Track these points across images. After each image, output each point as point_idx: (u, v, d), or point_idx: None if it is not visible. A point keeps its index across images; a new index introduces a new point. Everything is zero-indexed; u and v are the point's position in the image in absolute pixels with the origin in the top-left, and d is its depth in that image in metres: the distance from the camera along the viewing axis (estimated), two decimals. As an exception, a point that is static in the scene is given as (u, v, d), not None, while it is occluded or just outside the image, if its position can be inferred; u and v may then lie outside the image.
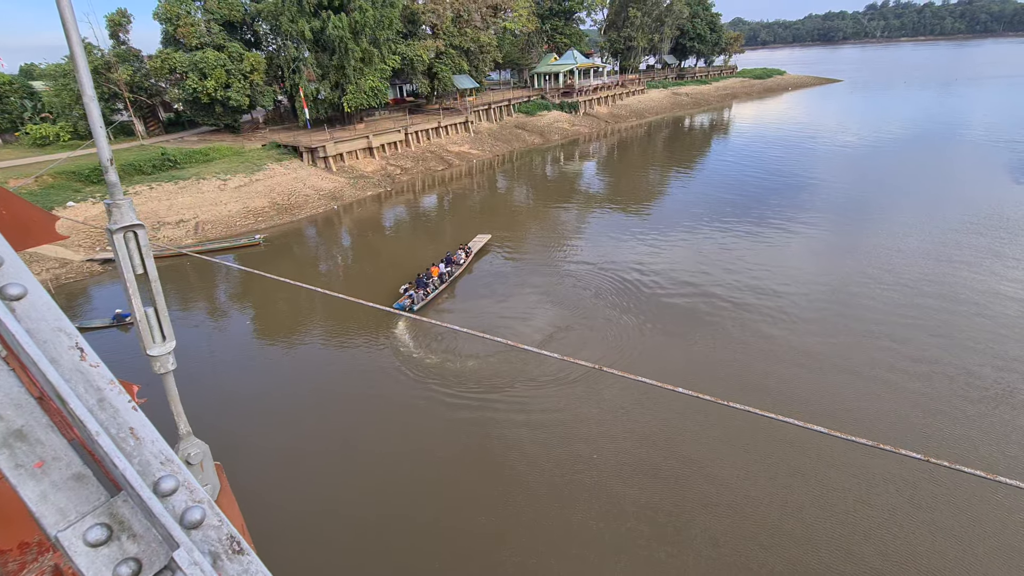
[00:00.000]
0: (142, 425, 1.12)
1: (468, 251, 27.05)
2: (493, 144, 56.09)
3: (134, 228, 1.63)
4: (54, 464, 1.03)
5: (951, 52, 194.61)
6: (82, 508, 1.00)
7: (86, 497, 1.01)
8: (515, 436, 14.40)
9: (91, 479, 1.04)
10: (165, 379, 1.84)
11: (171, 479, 1.05)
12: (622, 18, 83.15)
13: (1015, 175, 36.42)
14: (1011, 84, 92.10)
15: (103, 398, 1.12)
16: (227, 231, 32.46)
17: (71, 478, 1.03)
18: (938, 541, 10.86)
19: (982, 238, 25.89)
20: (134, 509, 1.02)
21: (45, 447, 1.04)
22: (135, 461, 1.06)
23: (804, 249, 26.26)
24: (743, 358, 17.31)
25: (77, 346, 1.17)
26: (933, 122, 60.54)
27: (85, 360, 1.16)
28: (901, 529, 11.15)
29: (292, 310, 22.91)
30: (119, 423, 1.10)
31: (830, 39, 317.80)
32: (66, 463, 1.04)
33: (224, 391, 17.17)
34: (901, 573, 10.35)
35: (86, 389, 1.12)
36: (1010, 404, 14.54)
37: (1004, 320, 18.66)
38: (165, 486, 1.04)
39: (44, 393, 1.08)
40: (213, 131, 47.18)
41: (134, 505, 1.01)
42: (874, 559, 10.59)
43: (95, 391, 1.12)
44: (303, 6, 41.26)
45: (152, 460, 1.08)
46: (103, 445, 0.99)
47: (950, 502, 11.67)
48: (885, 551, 10.71)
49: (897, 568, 10.43)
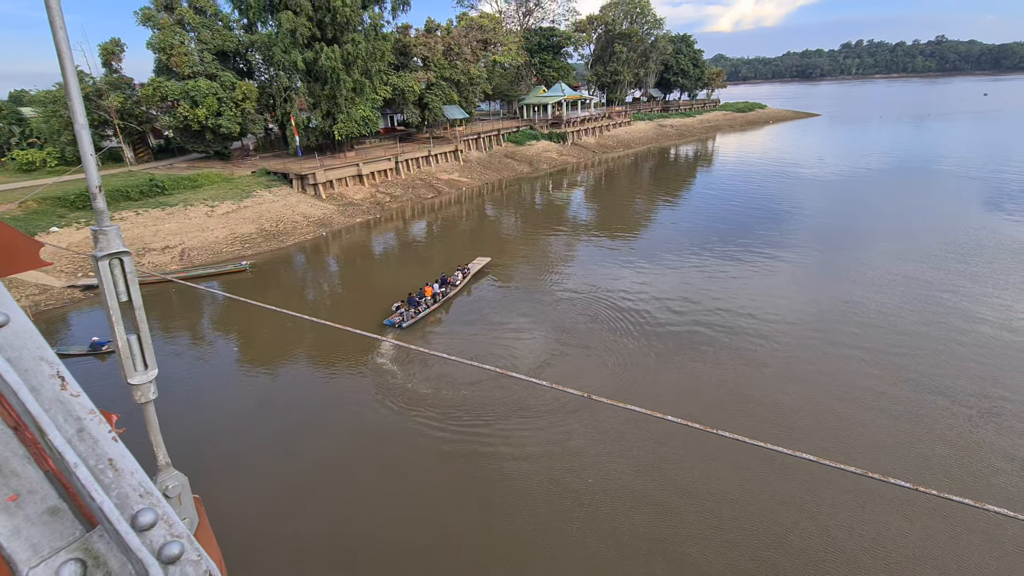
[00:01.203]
0: (122, 456, 1.10)
1: (466, 272, 27.51)
2: (483, 173, 56.82)
3: (120, 255, 1.61)
4: (29, 497, 0.99)
5: (923, 89, 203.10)
6: (56, 543, 0.96)
7: (61, 532, 0.98)
8: (501, 470, 14.15)
9: (67, 513, 1.01)
10: (145, 408, 1.80)
11: (150, 512, 1.02)
12: (608, 53, 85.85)
13: (987, 205, 37.64)
14: (979, 119, 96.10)
15: (82, 428, 1.09)
16: (213, 257, 32.20)
17: (46, 512, 0.99)
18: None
19: (959, 264, 26.53)
20: (110, 544, 0.98)
21: (20, 479, 1.00)
22: (113, 494, 1.03)
23: (788, 277, 26.66)
24: (731, 384, 17.32)
25: (58, 375, 1.14)
26: (908, 155, 62.73)
27: (66, 389, 1.13)
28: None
29: (278, 338, 22.59)
30: (98, 454, 1.07)
31: (808, 75, 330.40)
32: (41, 496, 1.00)
33: (206, 421, 16.73)
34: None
35: (65, 419, 1.09)
36: (996, 424, 14.65)
37: (982, 341, 18.97)
38: (143, 520, 1.00)
39: (21, 423, 1.05)
40: (203, 158, 47.27)
41: (110, 540, 0.98)
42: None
43: (75, 421, 1.10)
44: (296, 38, 42.07)
45: (131, 493, 1.05)
46: (81, 477, 0.95)
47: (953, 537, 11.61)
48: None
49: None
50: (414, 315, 22.81)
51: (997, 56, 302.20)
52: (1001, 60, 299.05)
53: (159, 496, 1.07)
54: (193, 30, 44.36)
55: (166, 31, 42.44)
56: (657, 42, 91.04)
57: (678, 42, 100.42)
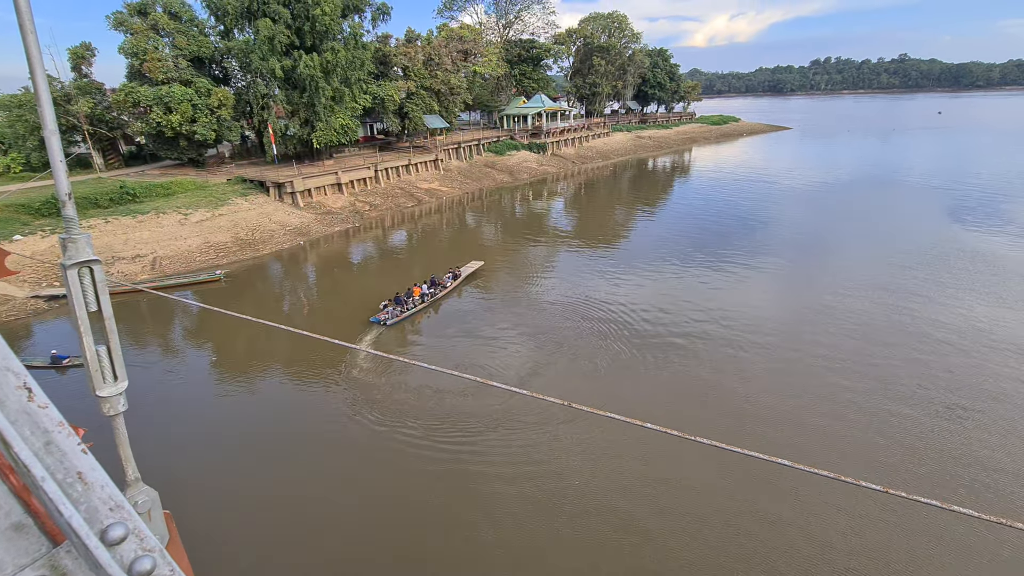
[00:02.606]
0: (91, 469, 1.06)
1: (457, 275, 28.00)
2: (463, 182, 56.89)
3: (89, 264, 1.57)
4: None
5: (887, 105, 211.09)
6: (20, 560, 0.92)
7: (26, 548, 0.94)
8: (485, 485, 14.03)
9: (32, 528, 0.97)
10: (115, 421, 1.75)
11: (120, 527, 0.98)
12: (587, 66, 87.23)
13: (949, 216, 39.15)
14: (941, 135, 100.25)
15: (50, 441, 1.06)
16: (186, 266, 31.45)
17: (10, 528, 0.95)
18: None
19: (923, 271, 27.48)
20: (78, 560, 0.94)
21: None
22: (82, 508, 0.99)
23: (764, 285, 27.23)
24: (712, 391, 17.56)
25: (25, 386, 1.11)
26: (875, 168, 64.98)
27: (33, 401, 1.10)
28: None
29: (252, 349, 22.12)
30: (67, 467, 1.04)
31: (779, 90, 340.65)
32: (5, 512, 0.96)
33: (177, 435, 16.22)
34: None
35: (32, 432, 1.06)
36: (958, 427, 15.13)
37: (944, 346, 19.62)
38: (113, 534, 0.97)
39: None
40: (176, 165, 46.30)
41: (78, 556, 0.94)
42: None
43: (42, 433, 1.06)
44: (274, 46, 41.70)
45: (101, 507, 1.01)
46: (48, 491, 0.92)
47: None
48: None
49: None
50: (399, 313, 23.33)
51: (956, 74, 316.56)
52: (960, 78, 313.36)
53: (130, 510, 1.04)
54: (168, 35, 43.63)
55: (139, 36, 41.65)
56: (635, 56, 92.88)
57: (655, 56, 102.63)
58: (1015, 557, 11.21)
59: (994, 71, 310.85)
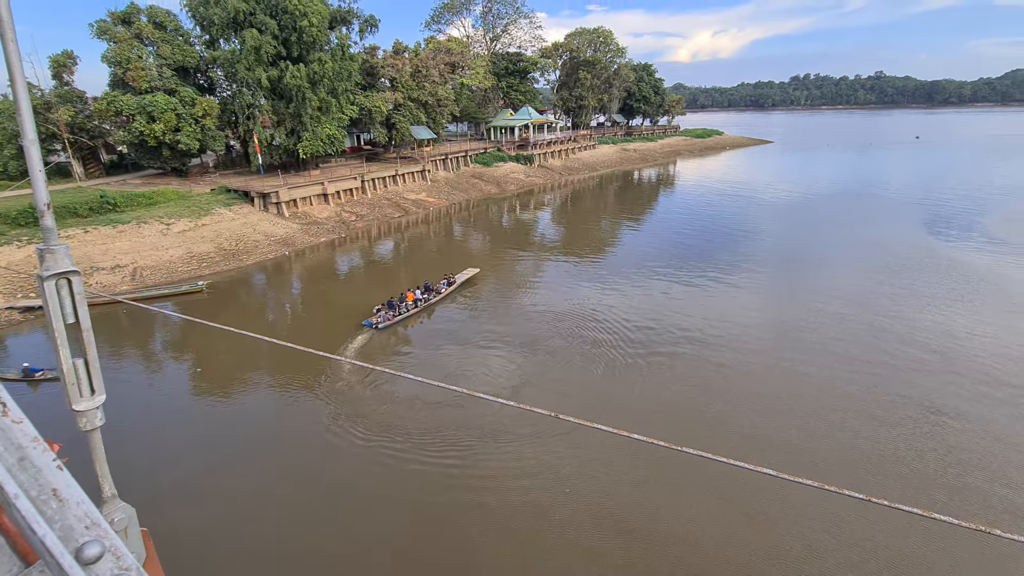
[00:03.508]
0: (67, 486, 1.03)
1: (452, 281, 28.48)
2: (450, 193, 56.98)
3: (68, 275, 1.54)
4: None
5: (864, 120, 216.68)
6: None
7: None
8: (475, 503, 13.90)
9: (3, 548, 0.94)
10: (91, 436, 1.70)
11: (96, 545, 0.96)
12: (573, 79, 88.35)
13: (926, 228, 40.15)
14: (916, 149, 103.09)
15: (25, 456, 1.03)
16: (168, 277, 30.93)
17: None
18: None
19: (901, 278, 28.08)
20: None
21: None
22: (57, 526, 0.97)
23: (748, 295, 27.56)
24: (700, 402, 17.66)
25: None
26: (854, 181, 66.48)
27: (7, 415, 1.07)
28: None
29: (235, 361, 21.75)
30: (41, 484, 1.01)
31: (761, 105, 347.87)
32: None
33: (155, 450, 15.83)
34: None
35: (6, 447, 1.03)
36: (936, 434, 15.39)
37: (927, 350, 20.02)
38: (89, 553, 0.94)
39: None
40: (159, 174, 45.71)
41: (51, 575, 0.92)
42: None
43: (16, 449, 1.04)
44: (261, 56, 41.59)
45: (76, 524, 0.99)
46: (21, 509, 0.89)
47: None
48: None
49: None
50: (391, 317, 23.81)
51: (930, 91, 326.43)
52: (933, 95, 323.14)
53: (107, 527, 1.02)
54: (152, 44, 43.29)
55: (123, 45, 41.26)
56: (620, 70, 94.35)
57: (640, 70, 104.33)
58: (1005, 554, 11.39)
59: (966, 88, 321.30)
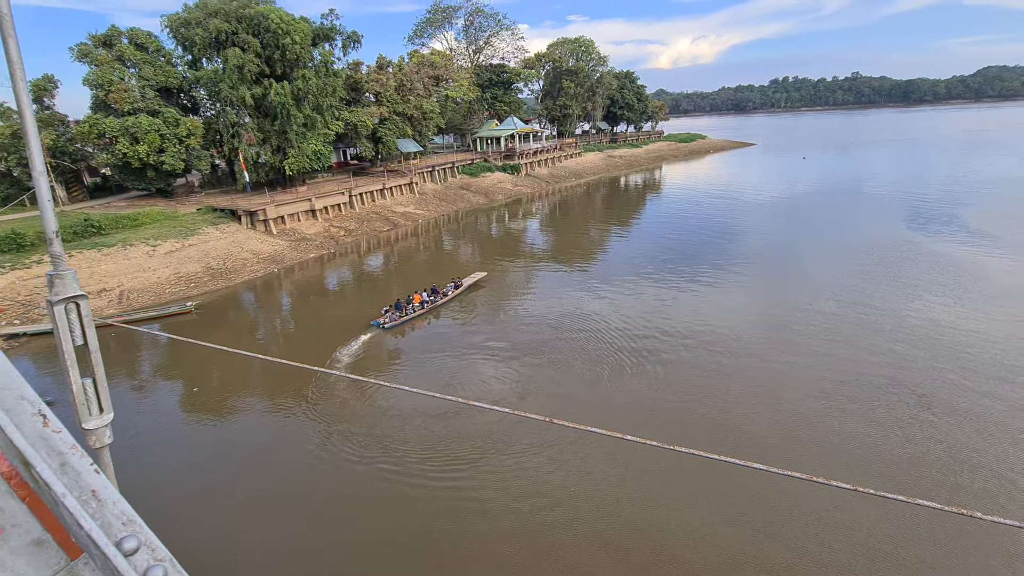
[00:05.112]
0: (104, 487, 1.15)
1: (459, 284, 29.63)
2: (438, 205, 57.13)
3: (76, 299, 1.64)
4: (13, 531, 1.03)
5: (843, 120, 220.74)
6: (43, 572, 1.00)
7: (46, 561, 1.02)
8: (478, 527, 13.84)
9: (51, 544, 1.04)
10: (100, 454, 1.80)
11: (133, 539, 1.07)
12: (557, 88, 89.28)
13: (908, 223, 40.90)
14: (894, 147, 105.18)
15: (65, 462, 1.14)
16: (156, 299, 30.64)
17: (31, 543, 1.03)
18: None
19: (885, 271, 28.55)
20: (95, 572, 1.02)
21: (4, 513, 1.04)
22: (98, 522, 1.07)
23: (738, 296, 27.84)
24: (698, 401, 17.77)
25: (40, 412, 1.19)
26: (836, 180, 67.65)
27: (48, 426, 1.18)
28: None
29: (227, 380, 21.54)
30: (82, 486, 1.12)
31: (742, 108, 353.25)
32: (26, 529, 1.04)
33: (150, 470, 15.59)
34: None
35: (49, 454, 1.14)
36: (926, 425, 15.61)
37: (914, 342, 20.33)
38: (128, 546, 1.04)
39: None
40: (144, 196, 45.42)
41: (96, 567, 1.02)
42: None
43: (57, 455, 1.15)
44: (244, 74, 41.64)
45: (114, 521, 1.10)
46: (69, 507, 0.98)
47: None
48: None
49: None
50: (398, 318, 24.97)
51: (905, 90, 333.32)
52: (909, 94, 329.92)
53: (141, 523, 1.13)
54: (134, 66, 43.18)
55: (104, 67, 41.12)
56: (603, 78, 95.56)
57: (622, 78, 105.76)
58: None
59: (940, 86, 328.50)
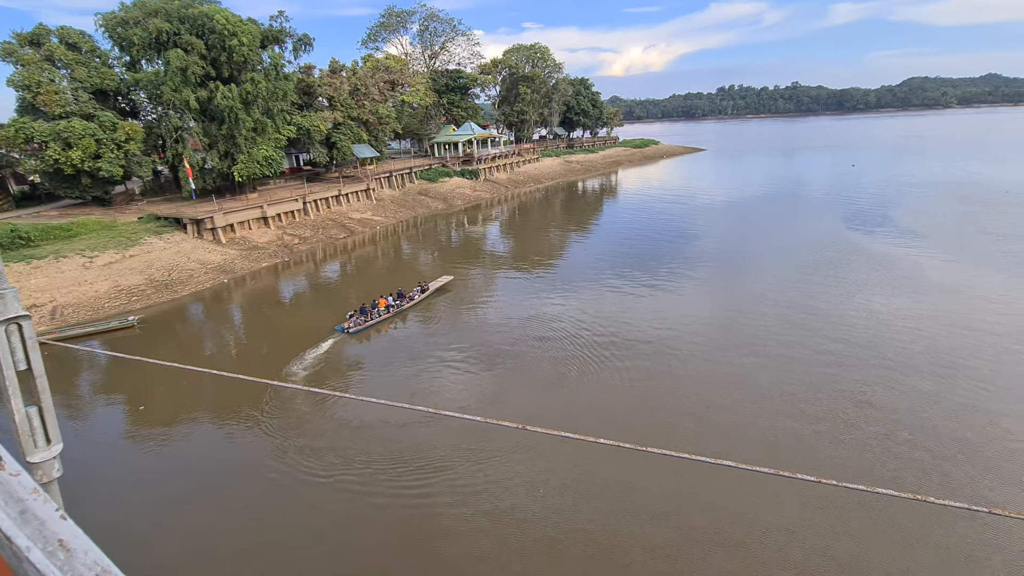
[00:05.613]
0: (73, 536, 0.98)
1: (425, 288, 29.22)
2: (396, 211, 56.31)
3: (18, 320, 1.45)
4: None
5: (785, 127, 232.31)
6: None
7: None
8: (446, 539, 13.58)
9: None
10: (49, 489, 1.57)
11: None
12: (514, 94, 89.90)
13: (845, 222, 43.31)
14: (834, 152, 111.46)
15: (26, 509, 0.99)
16: (94, 314, 28.75)
17: None
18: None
19: (831, 270, 30.08)
20: None
21: None
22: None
23: (694, 292, 28.66)
24: (660, 401, 18.10)
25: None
26: (781, 183, 71.01)
27: (4, 469, 1.04)
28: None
29: (174, 398, 20.38)
30: (47, 535, 0.96)
31: (692, 115, 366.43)
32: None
33: (94, 504, 14.51)
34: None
35: (7, 501, 0.99)
36: (874, 416, 16.47)
37: (855, 333, 21.46)
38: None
39: None
40: (78, 204, 42.62)
41: None
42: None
43: (17, 502, 0.99)
44: (188, 77, 39.82)
45: (86, 573, 0.95)
46: (35, 561, 0.89)
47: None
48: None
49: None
50: (363, 322, 24.56)
51: (840, 99, 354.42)
52: (843, 103, 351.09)
53: (118, 572, 0.96)
54: (65, 67, 40.58)
55: (31, 67, 38.45)
56: (558, 84, 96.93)
57: (578, 85, 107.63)
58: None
59: (871, 96, 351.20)
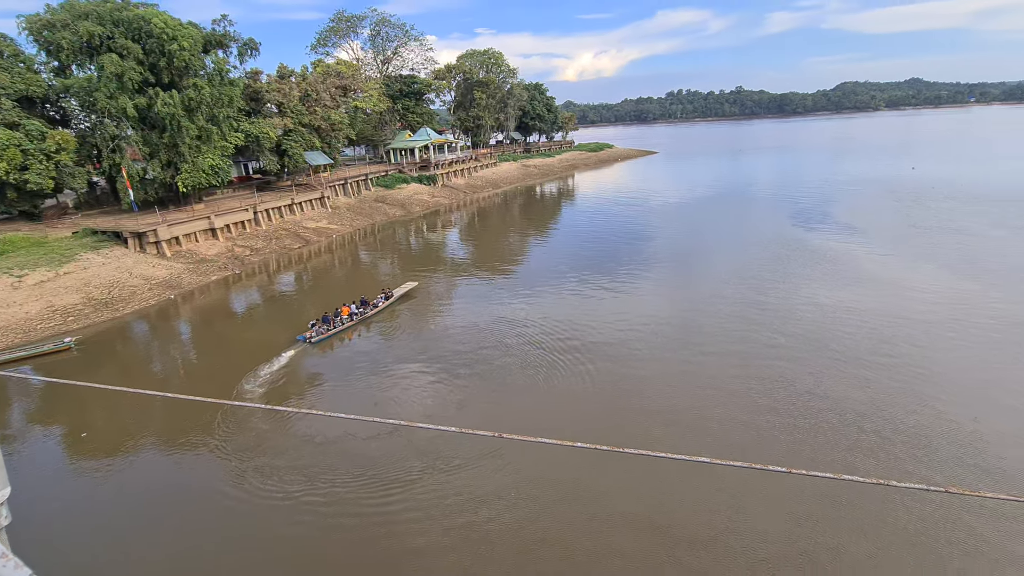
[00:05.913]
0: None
1: (389, 295, 28.78)
2: (353, 218, 55.10)
3: None
4: None
5: (731, 129, 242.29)
6: None
7: None
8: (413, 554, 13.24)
9: None
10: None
11: None
12: (469, 99, 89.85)
13: (791, 220, 45.42)
14: (777, 153, 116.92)
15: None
16: (25, 337, 26.68)
17: None
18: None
19: (779, 266, 31.40)
20: None
21: None
22: None
23: (652, 293, 29.28)
24: (633, 400, 18.32)
25: None
26: (728, 183, 73.88)
27: None
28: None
29: (119, 423, 19.09)
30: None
31: (643, 119, 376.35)
32: None
33: (42, 545, 13.34)
34: None
35: None
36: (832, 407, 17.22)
37: (803, 327, 22.45)
38: None
39: None
40: (4, 219, 39.56)
41: None
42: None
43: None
44: (124, 83, 37.70)
45: None
46: None
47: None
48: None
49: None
50: (325, 331, 24.04)
51: (780, 103, 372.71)
52: (784, 106, 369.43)
53: None
54: (-16, 72, 37.65)
55: (-56, 73, 35.49)
56: (513, 89, 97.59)
57: (532, 90, 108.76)
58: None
59: (808, 100, 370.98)
